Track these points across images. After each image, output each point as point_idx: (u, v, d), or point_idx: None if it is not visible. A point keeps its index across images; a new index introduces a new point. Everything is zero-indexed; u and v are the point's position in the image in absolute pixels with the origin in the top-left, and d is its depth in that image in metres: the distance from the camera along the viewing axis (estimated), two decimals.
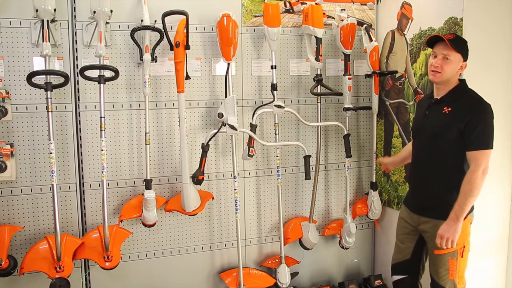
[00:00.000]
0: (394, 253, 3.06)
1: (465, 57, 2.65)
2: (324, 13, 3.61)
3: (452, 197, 2.63)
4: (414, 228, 2.87)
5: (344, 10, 3.78)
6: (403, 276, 2.98)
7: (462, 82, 2.72)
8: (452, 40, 2.59)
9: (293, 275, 3.68)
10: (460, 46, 2.62)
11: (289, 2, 3.63)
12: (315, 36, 3.47)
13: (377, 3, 3.90)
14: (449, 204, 2.63)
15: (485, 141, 2.53)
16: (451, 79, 2.65)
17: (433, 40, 2.68)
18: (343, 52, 3.61)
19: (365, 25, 3.69)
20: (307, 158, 3.38)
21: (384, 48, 3.81)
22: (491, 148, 2.55)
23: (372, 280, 3.87)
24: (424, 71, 3.37)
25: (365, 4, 3.88)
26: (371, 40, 3.66)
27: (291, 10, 3.65)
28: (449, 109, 2.61)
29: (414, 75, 3.49)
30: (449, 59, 2.59)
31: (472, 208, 2.70)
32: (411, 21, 3.50)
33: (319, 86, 3.58)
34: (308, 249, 3.74)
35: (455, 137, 2.57)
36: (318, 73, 3.55)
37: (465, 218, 2.61)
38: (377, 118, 3.91)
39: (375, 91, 3.70)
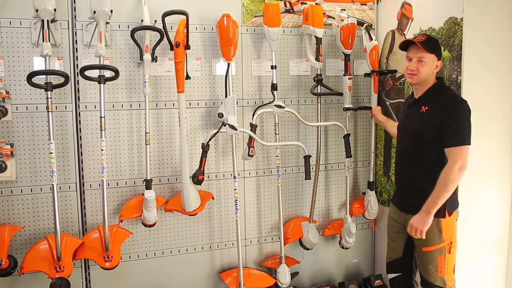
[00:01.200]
0: (387, 251, 3.12)
1: (439, 56, 2.74)
2: (324, 13, 3.61)
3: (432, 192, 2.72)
4: (403, 226, 2.91)
5: (344, 10, 3.78)
6: (397, 274, 3.02)
7: (439, 80, 2.80)
8: (424, 42, 2.67)
9: (293, 275, 3.68)
10: (433, 46, 2.71)
11: (289, 2, 3.63)
12: (315, 36, 3.47)
13: (377, 3, 3.90)
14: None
15: (461, 138, 2.58)
16: (428, 79, 2.74)
17: (406, 44, 2.77)
18: (343, 52, 3.61)
19: (365, 25, 3.69)
20: (307, 158, 3.38)
21: (384, 48, 3.82)
22: (468, 144, 2.59)
23: (372, 280, 3.87)
24: None
25: (365, 4, 3.88)
26: (371, 39, 3.66)
27: (291, 10, 3.65)
28: (426, 108, 2.70)
29: None
30: (423, 61, 2.69)
31: (457, 204, 2.79)
32: (411, 21, 3.50)
33: (319, 86, 3.58)
34: (308, 249, 3.74)
35: (433, 135, 2.63)
36: (318, 73, 3.55)
37: (450, 214, 2.70)
38: None
39: (374, 90, 3.70)
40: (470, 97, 3.04)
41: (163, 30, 3.08)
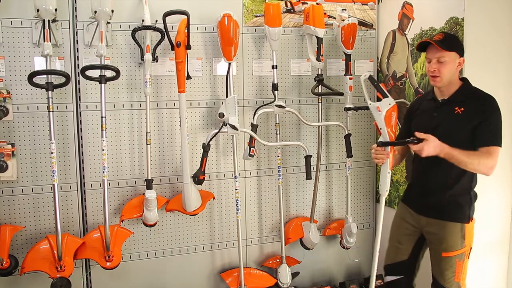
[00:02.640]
0: (389, 253, 3.01)
1: (460, 53, 2.61)
2: (325, 13, 3.61)
3: (465, 198, 2.67)
4: (416, 229, 2.84)
5: (345, 10, 3.78)
6: (398, 277, 2.96)
7: (466, 81, 2.70)
8: (442, 40, 2.55)
9: (294, 275, 3.68)
10: (452, 44, 2.58)
11: (290, 2, 3.63)
12: (316, 36, 3.46)
13: (378, 3, 3.90)
14: (461, 205, 2.67)
15: (499, 139, 2.54)
16: (452, 78, 2.62)
17: (424, 45, 2.64)
18: (344, 52, 3.61)
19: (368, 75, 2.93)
20: (308, 158, 3.38)
21: (385, 48, 3.81)
22: (501, 146, 2.54)
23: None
24: (425, 71, 3.37)
25: (366, 4, 3.88)
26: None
27: (292, 10, 3.65)
28: (462, 109, 2.58)
29: (415, 75, 3.49)
30: (443, 61, 2.55)
31: (474, 209, 2.71)
32: (412, 21, 3.50)
33: (320, 86, 3.58)
34: (309, 249, 3.74)
35: (468, 136, 2.55)
36: (319, 73, 3.55)
37: (470, 220, 2.67)
38: None
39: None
40: None
41: (164, 30, 3.08)
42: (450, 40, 2.60)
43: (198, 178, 3.19)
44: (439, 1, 3.23)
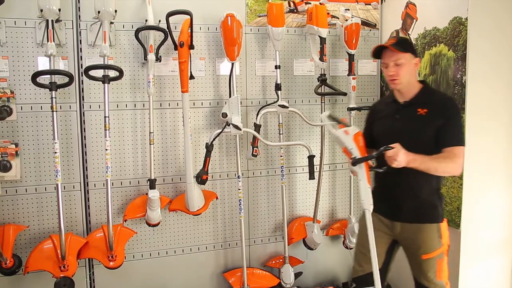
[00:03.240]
0: (360, 264, 2.86)
1: (415, 54, 2.63)
2: (328, 13, 3.61)
3: (436, 198, 2.67)
4: (389, 236, 2.76)
5: (349, 10, 3.78)
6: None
7: (426, 83, 2.72)
8: (396, 43, 2.58)
9: (297, 275, 3.68)
10: (406, 45, 2.61)
11: (293, 2, 3.63)
12: (319, 36, 3.46)
13: (382, 3, 3.89)
14: (435, 206, 2.66)
15: (462, 138, 2.58)
16: (411, 80, 2.62)
17: (378, 51, 2.65)
18: (347, 52, 3.60)
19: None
20: (311, 158, 3.37)
21: None
22: (465, 145, 2.57)
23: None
24: (429, 71, 3.36)
25: (370, 4, 3.87)
26: None
27: (295, 10, 3.65)
28: (425, 110, 2.58)
29: (419, 75, 3.48)
30: (400, 63, 2.55)
31: (442, 216, 2.69)
32: (416, 21, 3.49)
33: (323, 86, 3.57)
34: (312, 249, 3.74)
35: (433, 137, 2.55)
36: (322, 73, 3.55)
37: (443, 218, 2.68)
38: None
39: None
40: (474, 97, 3.05)
41: (167, 30, 3.09)
42: (403, 42, 2.67)
43: (201, 178, 3.19)
44: (443, 1, 3.22)
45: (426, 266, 2.66)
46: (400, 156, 2.35)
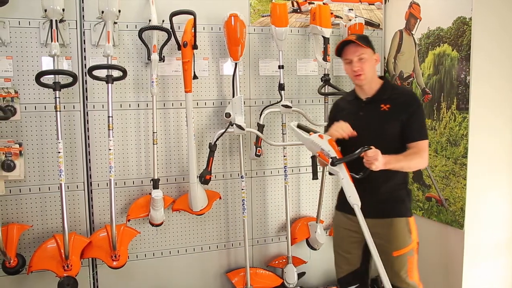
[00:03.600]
0: (340, 265, 2.84)
1: (374, 49, 2.62)
2: (331, 13, 3.61)
3: (404, 192, 2.67)
4: (361, 234, 2.55)
5: (352, 10, 3.77)
6: (354, 286, 2.82)
7: (386, 79, 2.73)
8: (357, 39, 2.56)
9: (300, 275, 3.68)
10: (366, 41, 2.60)
11: (297, 2, 3.63)
12: (322, 36, 3.46)
13: (385, 3, 3.88)
14: (403, 200, 2.66)
15: (426, 132, 2.60)
16: (373, 76, 2.62)
17: (339, 49, 2.62)
18: None
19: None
20: (314, 158, 3.37)
21: (392, 48, 3.80)
22: (428, 138, 2.60)
23: (379, 281, 3.85)
24: (433, 71, 3.36)
25: (373, 4, 3.87)
26: None
27: (298, 10, 3.65)
28: (388, 105, 2.57)
29: (422, 75, 3.48)
30: (364, 58, 2.55)
31: (411, 211, 2.69)
32: (419, 20, 3.48)
33: (326, 86, 3.57)
34: (315, 249, 3.73)
35: (399, 132, 2.56)
36: (326, 73, 3.55)
37: (411, 214, 2.67)
38: None
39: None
40: (478, 97, 3.04)
41: (170, 30, 3.09)
42: (364, 37, 2.64)
43: (204, 178, 3.19)
44: (447, 1, 3.21)
45: (397, 264, 2.61)
46: (379, 157, 2.34)
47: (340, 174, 2.44)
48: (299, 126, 2.72)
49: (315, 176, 3.45)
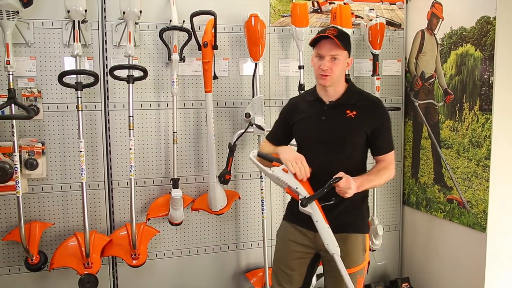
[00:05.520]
0: (280, 283, 2.55)
1: (350, 52, 2.40)
2: (352, 13, 3.58)
3: (363, 206, 2.49)
4: (311, 249, 2.48)
5: (373, 9, 3.74)
6: None
7: (351, 82, 2.50)
8: (338, 36, 2.30)
9: (319, 276, 3.64)
10: (346, 41, 2.35)
11: (317, 2, 3.61)
12: None
13: (407, 3, 3.84)
14: (362, 215, 2.50)
15: (393, 143, 2.47)
16: (340, 79, 2.41)
17: (316, 39, 2.36)
18: (371, 52, 3.57)
19: None
20: None
21: (413, 48, 3.76)
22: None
23: (399, 283, 3.82)
24: (455, 71, 3.31)
25: (395, 4, 3.83)
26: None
27: (319, 10, 3.63)
28: (354, 112, 2.37)
29: (444, 76, 3.43)
30: (337, 59, 2.32)
31: (368, 227, 2.56)
32: (442, 20, 3.44)
33: None
34: None
35: (364, 141, 2.40)
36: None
37: (367, 232, 2.52)
38: (406, 119, 3.88)
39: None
40: (502, 98, 2.99)
41: (191, 30, 3.10)
42: (344, 37, 2.35)
43: (224, 178, 3.20)
44: (470, 0, 3.17)
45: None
46: (352, 185, 2.19)
47: (314, 216, 2.21)
48: (259, 155, 2.43)
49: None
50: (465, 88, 3.23)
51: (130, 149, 3.02)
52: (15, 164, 2.81)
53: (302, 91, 3.32)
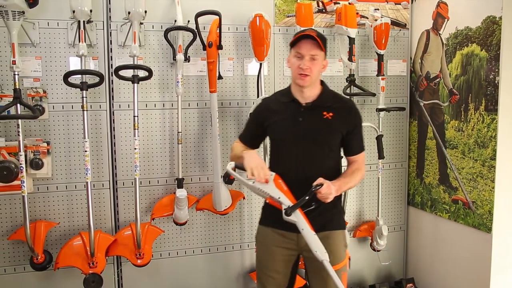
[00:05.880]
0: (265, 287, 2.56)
1: (326, 54, 2.41)
2: (357, 13, 3.57)
3: (339, 203, 2.56)
4: (294, 251, 2.50)
5: (378, 9, 3.73)
6: None
7: (325, 84, 2.51)
8: (318, 36, 2.32)
9: None
10: (325, 43, 2.37)
11: (322, 2, 3.61)
12: (348, 36, 3.43)
13: (412, 2, 3.83)
14: (339, 211, 2.57)
15: (364, 144, 2.53)
16: (317, 80, 2.43)
17: (296, 40, 2.38)
18: (376, 52, 3.56)
19: None
20: (341, 159, 3.34)
21: (418, 48, 3.75)
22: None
23: (404, 284, 3.81)
24: (461, 71, 3.30)
25: (400, 4, 3.82)
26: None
27: (324, 10, 3.62)
28: (330, 114, 2.40)
29: (450, 76, 3.42)
30: (316, 59, 2.33)
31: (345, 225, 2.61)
32: (447, 20, 3.43)
33: (351, 87, 3.54)
34: None
35: (338, 141, 2.45)
36: (351, 73, 3.52)
37: (345, 227, 2.57)
38: (411, 119, 3.87)
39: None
40: (507, 98, 2.98)
41: (196, 30, 3.11)
42: (323, 38, 2.37)
43: (228, 178, 3.20)
44: (476, 0, 3.15)
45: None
46: (332, 190, 2.23)
47: (299, 224, 2.19)
48: (237, 167, 2.36)
49: None
50: (471, 88, 3.22)
51: (135, 149, 3.02)
52: (20, 164, 2.82)
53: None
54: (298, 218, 2.18)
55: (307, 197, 2.18)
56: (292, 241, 2.45)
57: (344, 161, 2.56)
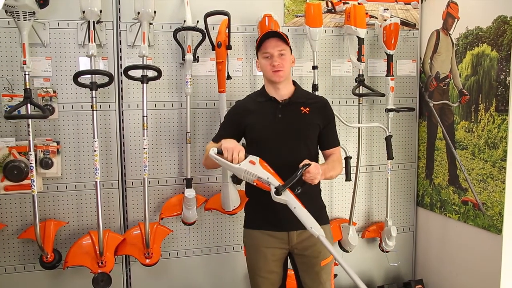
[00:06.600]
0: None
1: (291, 50, 2.56)
2: (366, 13, 3.56)
3: (321, 199, 2.66)
4: (285, 249, 2.57)
5: (388, 9, 3.72)
6: None
7: (296, 83, 2.65)
8: (279, 34, 2.48)
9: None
10: (287, 39, 2.51)
11: (331, 2, 3.60)
12: (357, 36, 3.42)
13: (422, 2, 3.81)
14: (323, 206, 2.66)
15: (338, 139, 2.67)
16: (289, 76, 2.57)
17: (260, 41, 2.50)
18: (385, 53, 3.55)
19: None
20: (347, 159, 3.34)
21: (428, 48, 3.73)
22: None
23: (412, 285, 3.79)
24: (471, 72, 3.28)
25: (409, 4, 3.80)
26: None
27: (333, 10, 3.62)
28: (308, 109, 2.52)
29: (460, 76, 3.40)
30: (284, 55, 2.47)
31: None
32: (457, 20, 3.41)
33: (361, 87, 3.53)
34: (347, 251, 3.69)
35: (316, 135, 2.55)
36: (360, 73, 3.50)
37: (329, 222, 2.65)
38: (420, 120, 3.85)
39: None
40: None
41: (205, 31, 3.11)
42: (285, 35, 2.52)
43: (237, 178, 3.20)
44: (487, 0, 3.13)
45: (324, 274, 2.54)
46: (320, 170, 2.27)
47: (290, 203, 2.17)
48: (220, 153, 2.32)
49: (348, 178, 3.41)
50: (481, 88, 3.19)
51: (144, 148, 3.03)
52: (30, 163, 2.84)
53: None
54: (289, 197, 2.18)
55: (297, 175, 2.19)
56: (283, 240, 2.53)
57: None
